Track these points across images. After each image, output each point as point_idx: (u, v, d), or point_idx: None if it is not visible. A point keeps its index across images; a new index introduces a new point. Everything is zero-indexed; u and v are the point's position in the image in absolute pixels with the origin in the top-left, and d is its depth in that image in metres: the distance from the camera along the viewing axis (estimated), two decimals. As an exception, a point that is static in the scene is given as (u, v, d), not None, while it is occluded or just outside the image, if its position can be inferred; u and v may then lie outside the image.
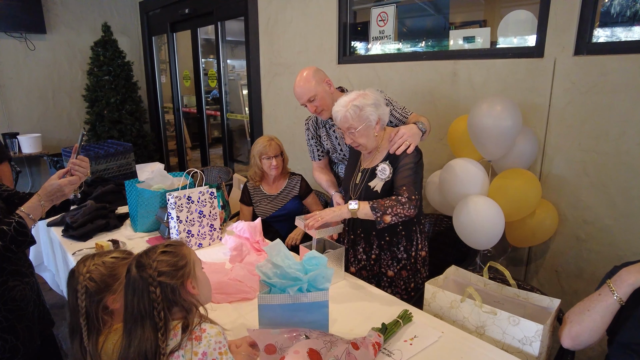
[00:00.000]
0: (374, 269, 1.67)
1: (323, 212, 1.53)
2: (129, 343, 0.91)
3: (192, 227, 1.90)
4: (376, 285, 1.65)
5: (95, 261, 1.09)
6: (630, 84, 1.72)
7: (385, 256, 1.65)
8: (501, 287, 1.46)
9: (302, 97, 1.82)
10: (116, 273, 1.08)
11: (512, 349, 1.25)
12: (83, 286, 1.04)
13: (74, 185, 1.28)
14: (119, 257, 1.12)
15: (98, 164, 3.97)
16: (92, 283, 1.05)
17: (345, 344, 1.08)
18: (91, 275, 1.05)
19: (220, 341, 0.92)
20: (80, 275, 1.05)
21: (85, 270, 1.06)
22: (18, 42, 4.52)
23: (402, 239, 1.64)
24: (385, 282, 1.68)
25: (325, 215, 1.51)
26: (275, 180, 2.29)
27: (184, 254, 0.98)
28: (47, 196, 1.23)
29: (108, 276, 1.07)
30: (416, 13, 2.85)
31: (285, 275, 1.15)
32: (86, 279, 1.05)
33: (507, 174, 1.89)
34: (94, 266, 1.07)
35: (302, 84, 1.79)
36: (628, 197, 1.79)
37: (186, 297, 0.95)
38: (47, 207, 1.25)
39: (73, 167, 1.30)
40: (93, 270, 1.06)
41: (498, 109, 1.78)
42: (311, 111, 1.85)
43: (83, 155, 1.35)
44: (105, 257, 1.11)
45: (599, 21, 1.84)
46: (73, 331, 1.07)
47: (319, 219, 1.50)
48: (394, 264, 1.66)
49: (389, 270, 1.66)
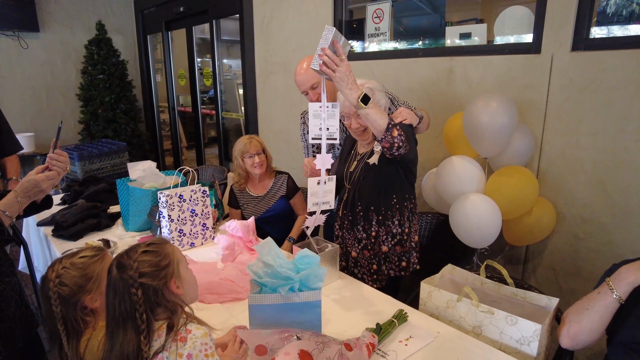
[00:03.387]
0: (375, 247, 1.65)
1: (342, 71, 1.32)
2: (112, 346, 0.88)
3: (184, 226, 1.86)
4: (377, 266, 1.65)
5: (64, 264, 1.04)
6: (628, 80, 1.69)
7: (381, 231, 1.63)
8: (498, 286, 1.43)
9: (304, 83, 1.79)
10: (88, 273, 1.04)
11: (510, 350, 1.22)
12: (55, 292, 1.00)
13: (52, 180, 1.23)
14: (89, 256, 1.08)
15: (92, 164, 3.93)
16: (64, 287, 1.01)
17: (338, 345, 1.05)
18: (61, 280, 1.02)
19: (206, 342, 0.88)
20: (50, 282, 1.01)
21: (54, 276, 1.02)
22: (11, 41, 4.47)
23: (397, 213, 1.63)
24: (381, 258, 1.66)
25: (342, 73, 1.32)
26: (261, 180, 2.25)
27: (167, 253, 0.94)
28: (23, 192, 1.19)
29: (80, 277, 1.03)
30: (412, 11, 2.83)
31: (276, 275, 1.11)
32: (56, 285, 1.01)
33: (503, 171, 1.86)
34: (63, 270, 1.03)
35: (305, 70, 1.77)
36: (626, 195, 1.77)
37: (170, 297, 0.92)
38: (25, 204, 1.21)
39: (50, 162, 1.25)
40: (63, 274, 1.02)
41: (494, 105, 1.76)
42: (312, 99, 1.82)
43: (62, 150, 1.29)
44: (74, 258, 1.07)
45: (596, 19, 1.82)
46: (52, 339, 1.04)
47: (335, 68, 1.32)
48: (388, 239, 1.64)
49: (384, 245, 1.64)
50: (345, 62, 1.33)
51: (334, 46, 1.32)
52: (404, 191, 1.64)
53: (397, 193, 1.63)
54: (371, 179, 1.63)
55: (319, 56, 1.32)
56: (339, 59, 1.32)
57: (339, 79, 1.33)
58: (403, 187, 1.64)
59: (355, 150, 1.77)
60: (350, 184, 1.70)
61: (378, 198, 1.62)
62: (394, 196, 1.63)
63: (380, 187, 1.62)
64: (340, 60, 1.32)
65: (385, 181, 1.61)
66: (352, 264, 1.71)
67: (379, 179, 1.62)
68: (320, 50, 1.31)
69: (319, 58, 1.31)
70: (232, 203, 2.31)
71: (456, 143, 2.02)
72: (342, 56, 1.33)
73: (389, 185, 1.62)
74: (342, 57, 1.33)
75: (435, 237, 2.22)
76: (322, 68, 1.32)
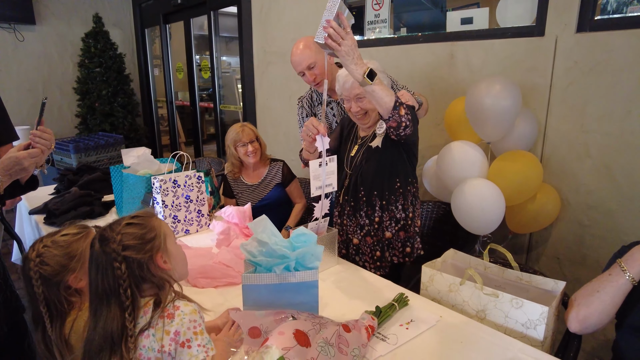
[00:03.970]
0: (378, 234, 1.59)
1: (348, 45, 1.25)
2: (95, 323, 0.83)
3: (178, 212, 1.81)
4: (380, 252, 1.60)
5: (45, 242, 1.00)
6: (635, 61, 1.64)
7: (385, 217, 1.58)
8: (502, 270, 1.39)
9: (300, 63, 1.74)
10: (71, 251, 1.00)
11: (515, 334, 1.17)
12: (36, 272, 0.95)
13: (35, 158, 1.17)
14: (72, 233, 1.03)
15: (88, 156, 3.88)
16: (46, 267, 0.97)
17: (335, 326, 1.00)
18: (42, 259, 0.97)
19: (195, 319, 0.83)
20: (31, 261, 0.96)
21: (34, 255, 0.97)
22: (7, 33, 4.42)
23: (400, 197, 1.58)
24: (384, 244, 1.60)
25: (347, 46, 1.25)
26: (255, 168, 2.19)
27: (153, 226, 0.89)
28: (4, 170, 1.12)
29: (62, 256, 0.99)
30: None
31: (271, 253, 1.07)
32: (37, 264, 0.96)
33: (507, 156, 1.81)
34: (44, 248, 0.98)
35: (301, 50, 1.73)
36: (633, 180, 1.72)
37: (157, 272, 0.86)
38: (6, 183, 1.15)
39: (33, 139, 1.18)
40: (44, 252, 0.98)
41: (497, 88, 1.71)
42: (309, 81, 1.76)
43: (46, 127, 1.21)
44: (56, 236, 1.02)
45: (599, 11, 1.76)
46: (35, 322, 0.99)
47: (341, 42, 1.25)
48: (392, 225, 1.58)
49: (387, 231, 1.59)
50: (351, 35, 1.26)
51: (339, 18, 1.24)
52: (407, 174, 1.59)
53: (401, 176, 1.58)
54: (374, 162, 1.57)
55: (323, 28, 1.23)
56: (344, 32, 1.24)
57: (345, 52, 1.25)
58: (406, 170, 1.59)
59: (355, 134, 1.71)
60: (352, 169, 1.64)
61: (382, 182, 1.57)
62: (397, 180, 1.57)
63: (384, 171, 1.56)
64: (345, 33, 1.24)
65: (389, 164, 1.56)
66: (354, 251, 1.66)
67: (383, 162, 1.56)
68: (325, 22, 1.22)
69: (324, 30, 1.23)
70: (226, 192, 2.26)
71: (458, 129, 1.97)
72: (348, 28, 1.25)
73: (392, 169, 1.57)
74: (348, 30, 1.25)
75: (437, 225, 2.17)
76: (327, 41, 1.24)
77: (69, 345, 0.98)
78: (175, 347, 0.81)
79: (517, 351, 1.06)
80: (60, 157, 4.06)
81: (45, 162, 1.24)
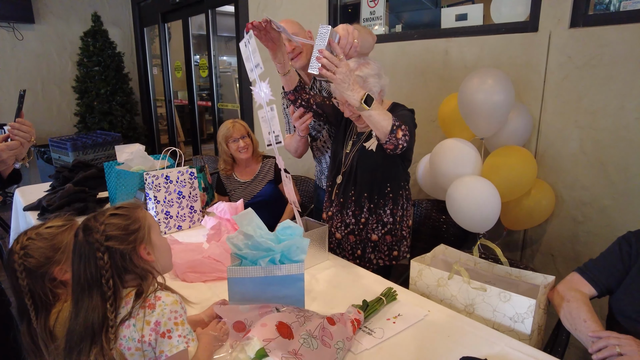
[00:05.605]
0: (362, 234, 1.59)
1: (342, 72, 1.24)
2: (76, 313, 0.82)
3: (170, 208, 1.81)
4: (361, 252, 1.59)
5: (29, 235, 0.99)
6: (629, 56, 1.63)
7: (371, 219, 1.57)
8: (492, 265, 1.38)
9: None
10: (55, 243, 0.99)
11: (503, 328, 1.17)
12: (20, 264, 0.95)
13: (13, 150, 1.15)
14: (57, 225, 1.03)
15: (85, 154, 3.89)
16: (30, 259, 0.96)
17: (320, 319, 1.00)
18: (26, 252, 0.97)
19: (176, 310, 0.83)
20: (15, 254, 0.96)
21: (19, 248, 0.97)
22: (5, 32, 4.44)
23: (389, 202, 1.56)
24: (369, 247, 1.60)
25: (342, 74, 1.24)
26: (248, 164, 2.19)
27: (138, 217, 0.89)
28: None
29: (47, 248, 0.98)
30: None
31: (257, 246, 1.06)
32: (22, 257, 0.96)
33: (500, 151, 1.80)
34: (28, 241, 0.98)
35: (284, 22, 1.69)
36: (627, 175, 1.71)
37: (140, 263, 0.86)
38: None
39: (12, 131, 1.16)
40: (28, 245, 0.97)
41: (489, 82, 1.70)
42: (288, 50, 1.73)
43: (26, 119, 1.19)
44: (40, 228, 1.02)
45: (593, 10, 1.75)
46: (21, 314, 0.99)
47: (335, 70, 1.24)
48: (378, 228, 1.57)
49: (373, 234, 1.58)
50: (344, 62, 1.25)
51: (331, 46, 1.24)
52: (398, 179, 1.58)
53: (392, 182, 1.56)
54: (367, 165, 1.55)
55: (317, 59, 1.23)
56: (337, 60, 1.24)
57: (340, 80, 1.25)
58: (398, 175, 1.57)
59: (352, 127, 1.66)
60: (345, 166, 1.62)
61: (372, 186, 1.55)
62: (388, 185, 1.56)
63: (376, 175, 1.54)
64: (339, 61, 1.24)
65: (382, 170, 1.54)
66: (335, 245, 1.66)
67: (375, 167, 1.54)
68: (318, 52, 1.22)
69: (317, 61, 1.23)
70: (219, 190, 2.26)
71: (451, 125, 1.96)
72: (341, 55, 1.25)
73: (384, 175, 1.55)
74: (341, 57, 1.25)
75: (430, 224, 2.16)
76: (321, 71, 1.24)
77: (53, 337, 0.98)
78: (156, 337, 0.81)
79: (504, 345, 1.05)
80: (58, 155, 4.08)
81: (27, 155, 1.23)
